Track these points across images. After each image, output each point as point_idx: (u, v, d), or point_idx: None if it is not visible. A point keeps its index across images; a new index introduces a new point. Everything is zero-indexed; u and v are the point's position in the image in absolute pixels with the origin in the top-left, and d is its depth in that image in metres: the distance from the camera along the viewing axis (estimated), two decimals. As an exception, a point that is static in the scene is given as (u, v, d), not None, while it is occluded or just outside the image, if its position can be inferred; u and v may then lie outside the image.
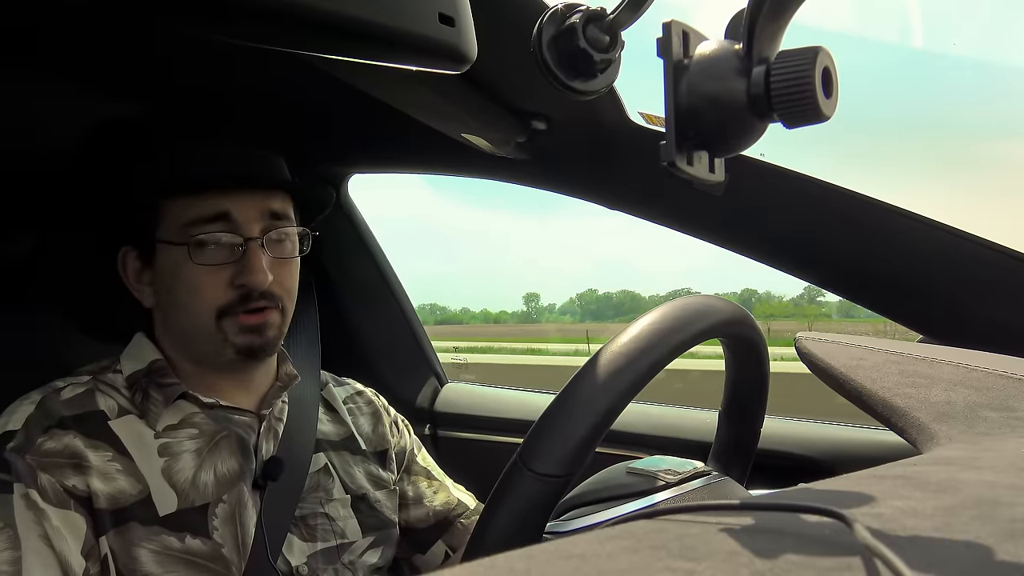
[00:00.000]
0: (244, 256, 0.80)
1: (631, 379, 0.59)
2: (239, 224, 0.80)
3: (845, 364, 0.62)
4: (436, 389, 1.52)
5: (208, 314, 0.80)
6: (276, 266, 0.82)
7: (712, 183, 0.38)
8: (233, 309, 0.80)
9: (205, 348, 0.82)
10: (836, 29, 34.66)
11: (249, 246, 0.80)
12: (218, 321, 0.80)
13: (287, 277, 0.84)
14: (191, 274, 0.79)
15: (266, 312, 0.81)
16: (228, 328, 0.80)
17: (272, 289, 0.81)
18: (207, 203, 0.79)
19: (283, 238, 0.83)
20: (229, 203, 0.80)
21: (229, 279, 0.80)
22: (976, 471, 0.40)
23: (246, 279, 0.79)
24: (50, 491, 0.72)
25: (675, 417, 1.26)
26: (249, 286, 0.79)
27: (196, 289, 0.79)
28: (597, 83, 0.46)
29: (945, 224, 0.91)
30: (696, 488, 0.72)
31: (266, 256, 0.80)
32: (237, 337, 0.80)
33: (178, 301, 0.81)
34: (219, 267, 0.79)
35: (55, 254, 1.05)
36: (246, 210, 0.80)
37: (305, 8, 0.48)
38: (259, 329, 0.81)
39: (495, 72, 0.89)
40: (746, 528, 0.31)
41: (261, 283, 0.79)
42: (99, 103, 1.04)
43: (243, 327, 0.80)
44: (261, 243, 0.80)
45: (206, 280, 0.79)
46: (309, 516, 0.86)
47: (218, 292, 0.79)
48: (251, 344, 0.81)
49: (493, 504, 0.58)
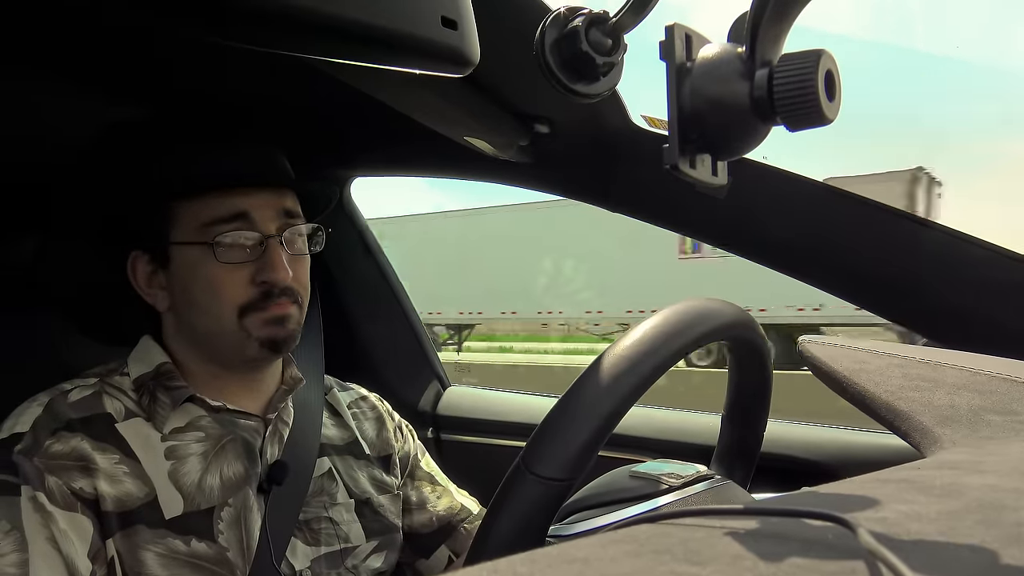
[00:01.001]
0: (264, 254, 0.81)
1: (634, 383, 0.59)
2: (257, 223, 0.81)
3: (848, 368, 0.62)
4: (439, 392, 1.52)
5: (231, 312, 0.80)
6: (293, 263, 0.83)
7: (715, 186, 0.38)
8: (256, 305, 0.81)
9: (225, 347, 0.82)
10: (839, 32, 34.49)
11: (269, 243, 0.81)
12: (240, 319, 0.81)
13: (303, 273, 0.85)
14: (212, 273, 0.80)
15: (287, 305, 0.82)
16: (251, 324, 0.81)
17: (291, 285, 0.82)
18: (225, 203, 0.80)
19: (297, 236, 0.85)
20: (247, 203, 0.81)
21: (250, 277, 0.81)
22: (980, 475, 0.39)
23: (268, 276, 0.80)
24: (57, 494, 0.72)
25: (678, 421, 1.26)
26: (271, 283, 0.81)
27: (218, 288, 0.80)
28: (600, 86, 0.46)
29: (946, 226, 0.91)
30: (699, 492, 0.72)
31: (285, 253, 0.81)
32: (261, 331, 0.81)
33: (196, 301, 0.81)
34: (240, 265, 0.80)
35: (57, 257, 1.05)
36: (263, 209, 0.81)
37: (307, 12, 0.48)
38: (282, 321, 0.82)
39: (498, 75, 0.89)
40: (750, 532, 0.31)
41: (283, 279, 0.81)
42: (104, 106, 1.04)
43: (266, 320, 0.81)
44: (280, 240, 0.81)
45: (228, 279, 0.80)
46: (313, 520, 0.86)
47: (240, 290, 0.80)
48: (275, 336, 0.82)
49: (496, 508, 0.58)
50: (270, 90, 1.06)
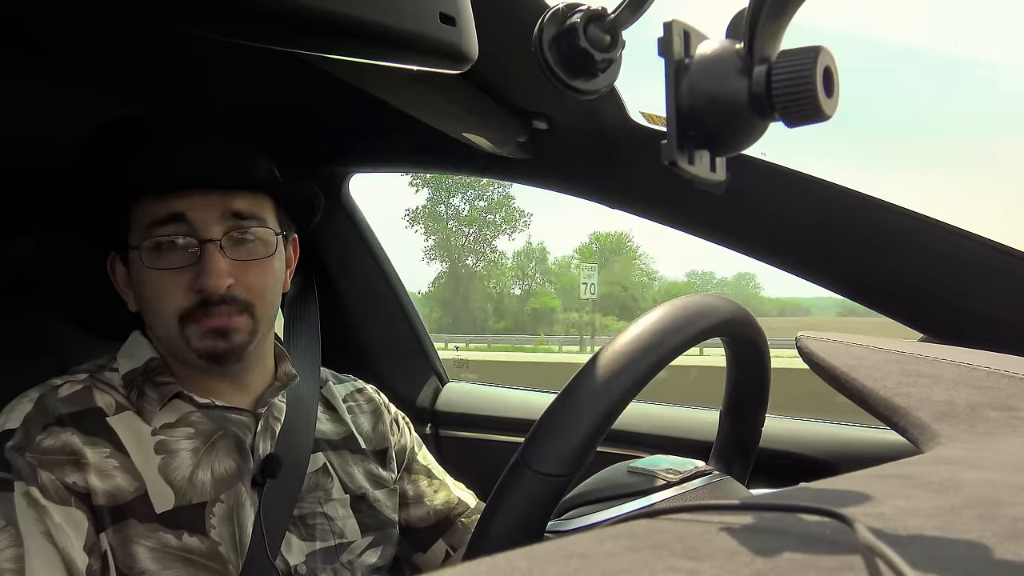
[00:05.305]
0: (200, 259, 0.77)
1: (633, 378, 0.59)
2: (195, 226, 0.78)
3: (846, 363, 0.62)
4: (437, 388, 1.52)
5: (171, 319, 0.78)
6: (240, 269, 0.79)
7: (713, 182, 0.38)
8: (194, 315, 0.78)
9: (177, 353, 0.81)
10: (838, 30, 34.62)
11: (205, 248, 0.77)
12: (181, 327, 0.78)
13: (256, 280, 0.80)
14: (151, 279, 0.78)
15: (230, 317, 0.78)
16: (191, 334, 0.78)
17: (234, 292, 0.78)
18: (162, 204, 0.77)
19: (248, 239, 0.80)
20: (183, 204, 0.77)
21: (188, 283, 0.77)
22: (978, 471, 0.40)
23: (202, 283, 0.76)
24: (51, 488, 0.72)
25: (676, 416, 1.26)
26: (205, 291, 0.77)
27: (157, 294, 0.78)
28: (598, 82, 0.46)
29: (944, 222, 0.91)
30: (697, 487, 0.72)
31: (225, 258, 0.78)
32: (200, 342, 0.78)
33: (148, 307, 0.81)
34: (178, 271, 0.77)
35: (54, 254, 1.05)
36: (202, 210, 0.78)
37: (305, 8, 0.48)
38: (223, 333, 0.78)
39: (496, 71, 0.89)
40: (747, 528, 0.31)
41: (217, 287, 0.76)
42: (100, 104, 1.04)
43: (206, 331, 0.78)
44: (220, 245, 0.78)
45: (165, 284, 0.78)
46: (308, 516, 0.85)
47: (178, 297, 0.77)
48: (214, 349, 0.78)
49: (494, 503, 0.58)
50: (267, 86, 1.06)
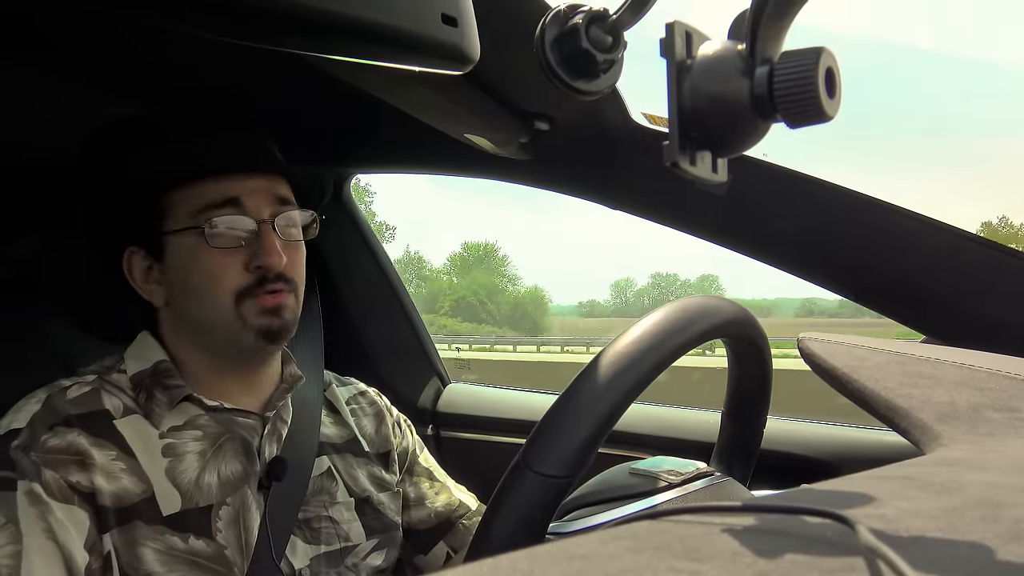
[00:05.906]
0: (258, 239, 0.81)
1: (634, 380, 0.59)
2: (249, 208, 0.81)
3: (848, 364, 0.62)
4: (439, 389, 1.52)
5: (227, 299, 0.80)
6: (287, 250, 0.82)
7: (715, 183, 0.38)
8: (251, 291, 0.80)
9: (222, 337, 0.82)
10: (839, 31, 34.63)
11: (262, 228, 0.81)
12: (237, 305, 0.80)
13: (298, 262, 0.85)
14: (207, 260, 0.80)
15: (283, 294, 0.82)
16: (247, 312, 0.80)
17: (286, 272, 0.82)
18: (217, 189, 0.80)
19: (290, 222, 0.84)
20: (239, 188, 0.81)
21: (245, 262, 0.80)
22: (980, 472, 0.40)
23: (262, 260, 0.80)
24: (54, 486, 0.72)
25: (678, 418, 1.26)
26: (265, 267, 0.80)
27: (213, 275, 0.80)
28: (600, 83, 0.46)
29: (946, 223, 0.91)
30: (699, 489, 0.72)
31: (278, 239, 0.81)
32: (257, 319, 0.81)
33: (194, 290, 0.81)
34: (234, 251, 0.80)
35: (55, 255, 1.05)
36: (255, 195, 0.81)
37: (306, 9, 0.48)
38: (277, 311, 0.81)
39: (498, 73, 0.89)
40: (749, 529, 0.31)
41: (277, 264, 0.80)
42: (102, 104, 1.04)
43: (262, 309, 0.81)
44: (272, 226, 0.81)
45: (223, 264, 0.80)
46: (313, 519, 0.86)
47: (235, 275, 0.80)
48: (270, 326, 0.81)
49: (496, 505, 0.58)
50: (269, 87, 1.06)
